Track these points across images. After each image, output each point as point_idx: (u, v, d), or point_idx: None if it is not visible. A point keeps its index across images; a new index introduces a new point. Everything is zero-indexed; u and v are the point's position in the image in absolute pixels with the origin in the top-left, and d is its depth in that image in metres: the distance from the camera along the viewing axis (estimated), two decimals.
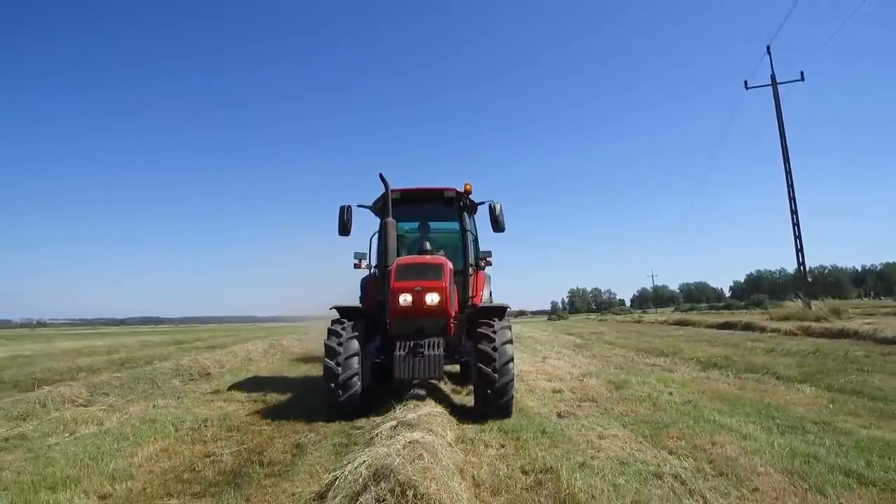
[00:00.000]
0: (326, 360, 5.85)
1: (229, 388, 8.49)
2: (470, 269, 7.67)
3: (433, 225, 8.39)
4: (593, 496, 3.44)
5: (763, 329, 15.97)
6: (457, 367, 8.45)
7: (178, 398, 7.56)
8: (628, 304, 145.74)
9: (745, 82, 22.95)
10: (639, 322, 29.29)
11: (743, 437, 4.76)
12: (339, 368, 5.75)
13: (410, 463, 3.06)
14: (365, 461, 3.31)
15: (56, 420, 5.77)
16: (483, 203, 7.83)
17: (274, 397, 7.60)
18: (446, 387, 7.96)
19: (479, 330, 5.92)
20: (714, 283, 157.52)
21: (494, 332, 5.80)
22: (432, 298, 5.99)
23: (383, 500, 2.58)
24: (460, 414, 5.91)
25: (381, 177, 7.02)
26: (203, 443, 5.09)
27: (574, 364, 10.85)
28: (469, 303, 7.45)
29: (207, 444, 5.02)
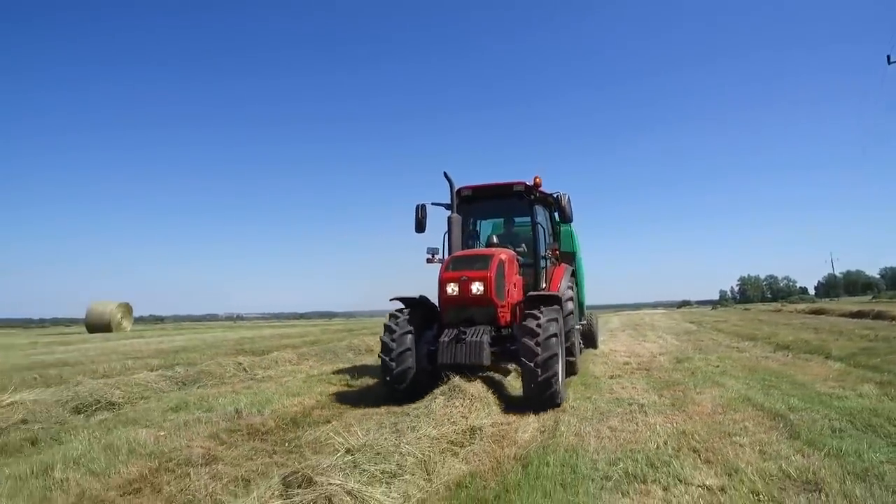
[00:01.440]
0: (383, 337, 6.47)
1: None
2: (543, 261, 7.81)
3: (516, 219, 8.69)
4: (578, 410, 5.77)
5: (894, 318, 15.44)
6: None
7: (351, 363, 11.05)
8: (812, 292, 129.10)
9: (888, 57, 21.20)
10: (778, 311, 27.98)
11: (725, 390, 6.57)
12: (393, 351, 6.26)
13: (466, 382, 5.75)
14: (447, 385, 6.02)
15: (284, 370, 9.53)
16: (553, 195, 8.09)
17: None
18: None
19: (524, 323, 5.98)
20: None
21: (539, 326, 5.81)
22: (477, 288, 6.17)
23: (443, 392, 5.32)
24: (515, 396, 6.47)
25: (446, 175, 7.33)
26: (367, 386, 8.25)
27: (663, 346, 12.52)
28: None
29: (370, 387, 8.16)
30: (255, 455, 4.46)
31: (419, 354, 6.36)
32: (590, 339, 11.63)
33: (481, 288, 6.17)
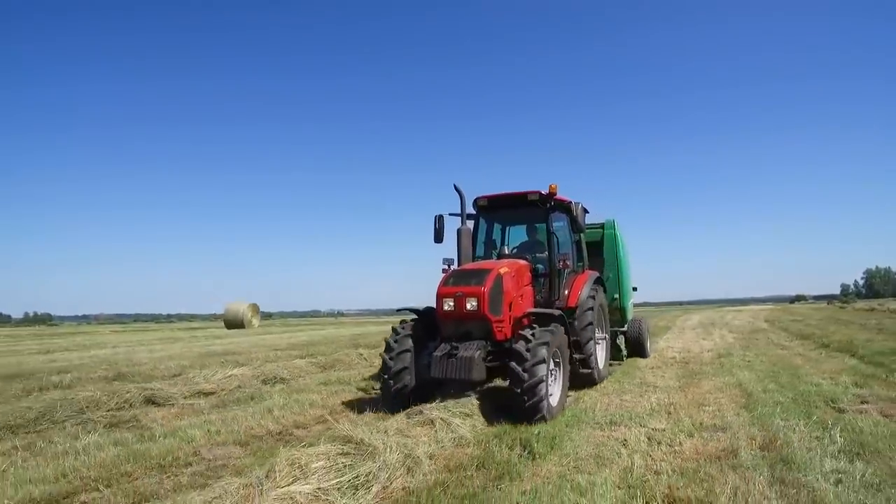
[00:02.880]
0: (387, 338, 6.82)
1: None
2: (566, 270, 7.87)
3: (538, 228, 8.51)
4: (605, 388, 7.88)
5: None
6: None
7: None
8: None
9: None
10: (871, 311, 26.98)
11: (731, 378, 8.35)
12: (393, 351, 6.55)
13: None
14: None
15: None
16: (566, 203, 8.00)
17: None
18: None
19: (519, 331, 6.24)
20: None
21: (533, 335, 6.00)
22: (472, 304, 6.25)
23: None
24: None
25: (456, 187, 7.56)
26: None
27: (717, 343, 14.04)
28: (558, 305, 7.62)
29: None
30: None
31: (420, 364, 6.56)
32: (637, 347, 11.29)
33: (475, 304, 6.25)
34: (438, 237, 7.88)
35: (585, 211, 8.37)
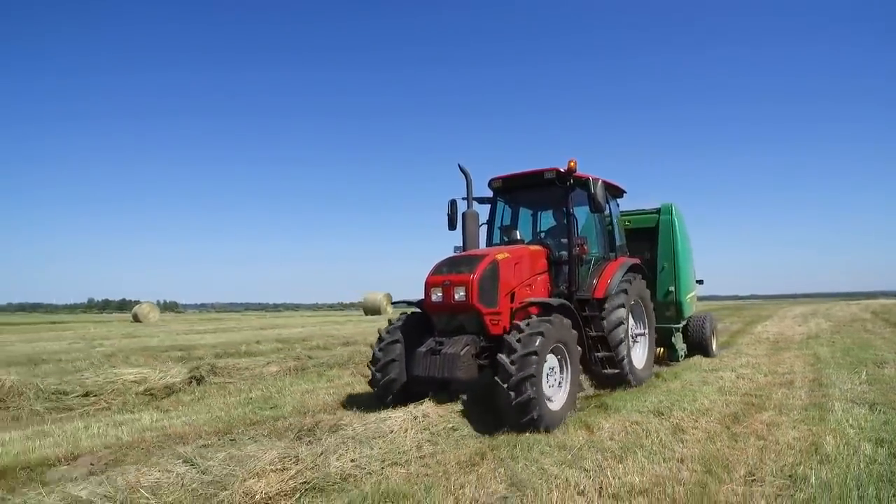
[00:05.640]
0: (373, 346, 6.30)
1: None
2: (585, 256, 7.12)
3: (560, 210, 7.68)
4: (691, 359, 10.76)
5: None
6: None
7: None
8: None
9: None
10: None
11: (808, 350, 10.88)
12: (379, 361, 6.01)
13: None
14: None
15: None
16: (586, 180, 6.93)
17: None
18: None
19: (504, 336, 5.45)
20: None
21: (519, 340, 5.20)
22: (459, 294, 5.68)
23: None
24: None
25: (461, 167, 7.15)
26: None
27: (811, 329, 16.17)
28: (579, 296, 6.95)
29: None
30: None
31: (409, 362, 5.97)
32: (699, 347, 10.39)
33: (463, 294, 5.68)
34: (452, 224, 7.46)
35: (621, 192, 8.53)
